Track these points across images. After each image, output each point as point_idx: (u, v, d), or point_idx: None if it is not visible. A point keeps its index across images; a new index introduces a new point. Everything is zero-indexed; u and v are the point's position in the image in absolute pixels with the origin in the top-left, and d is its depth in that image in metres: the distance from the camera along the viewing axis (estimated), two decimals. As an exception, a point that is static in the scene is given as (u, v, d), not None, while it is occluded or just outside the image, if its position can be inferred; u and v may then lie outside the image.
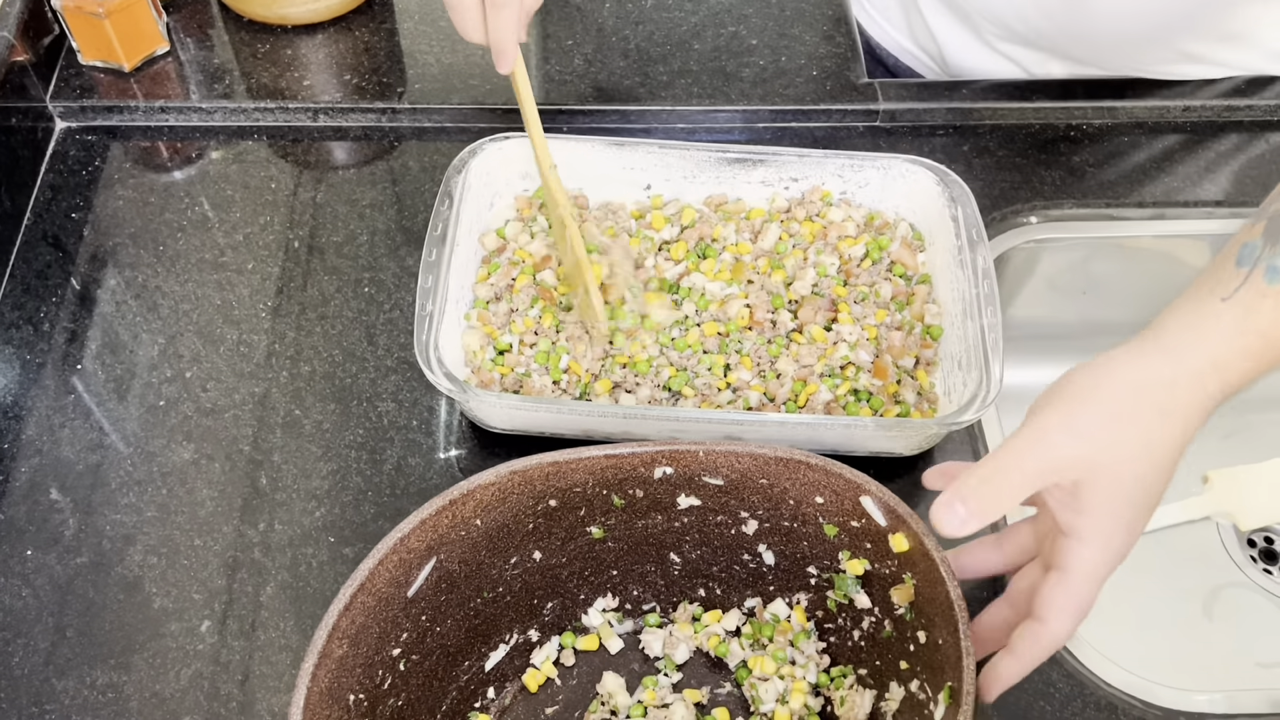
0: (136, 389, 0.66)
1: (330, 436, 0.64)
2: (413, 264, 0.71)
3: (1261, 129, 0.81)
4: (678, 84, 0.79)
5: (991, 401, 0.58)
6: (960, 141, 0.79)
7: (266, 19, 0.81)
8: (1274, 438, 0.84)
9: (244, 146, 0.77)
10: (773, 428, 0.61)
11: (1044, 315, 0.83)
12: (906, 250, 0.68)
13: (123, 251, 0.72)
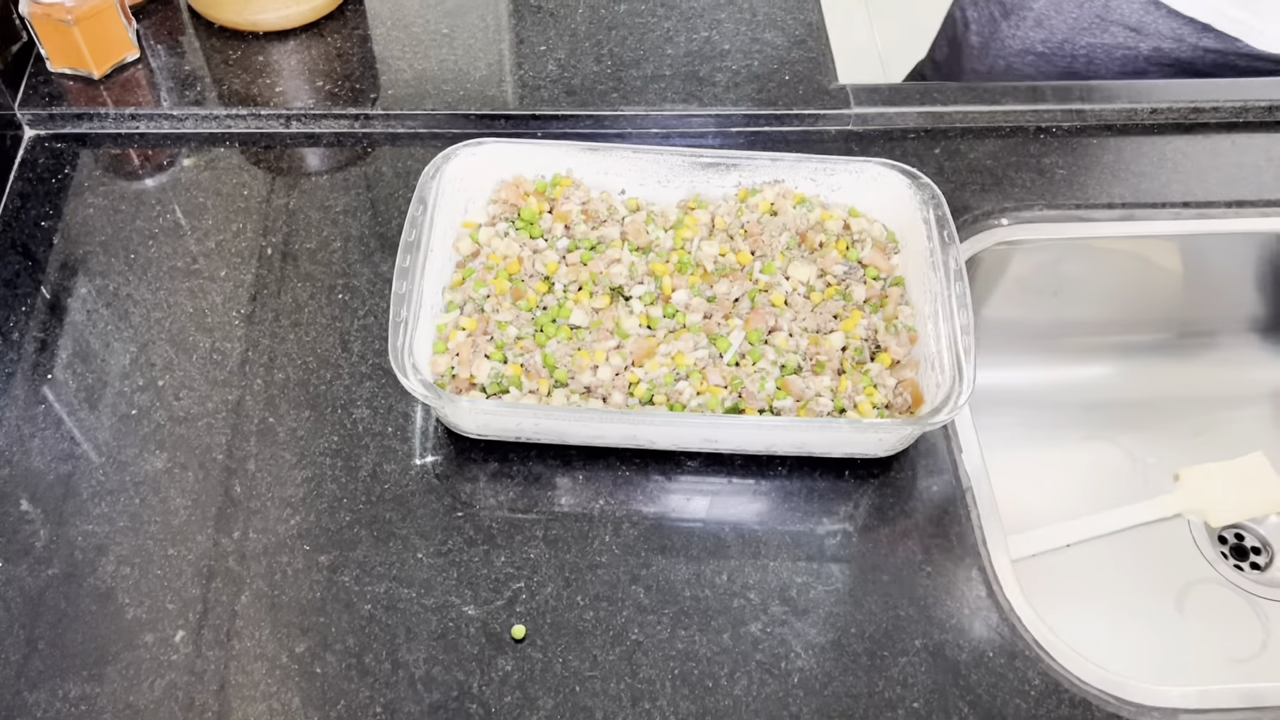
0: (108, 398, 0.65)
1: (305, 443, 0.64)
2: (387, 270, 0.71)
3: (1227, 130, 0.82)
4: (651, 88, 0.80)
5: (965, 401, 0.59)
6: (931, 145, 0.79)
7: (238, 25, 0.81)
8: (1243, 435, 0.85)
9: (216, 153, 0.77)
10: (748, 429, 0.62)
11: (1016, 316, 0.83)
12: (879, 253, 0.68)
13: (93, 260, 0.71)
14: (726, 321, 0.65)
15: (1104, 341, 0.88)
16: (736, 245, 0.68)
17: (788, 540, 0.62)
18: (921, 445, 0.66)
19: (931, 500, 0.64)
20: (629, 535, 0.62)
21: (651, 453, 0.64)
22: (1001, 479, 0.67)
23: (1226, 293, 0.86)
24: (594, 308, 0.65)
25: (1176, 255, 0.82)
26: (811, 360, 0.64)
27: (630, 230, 0.68)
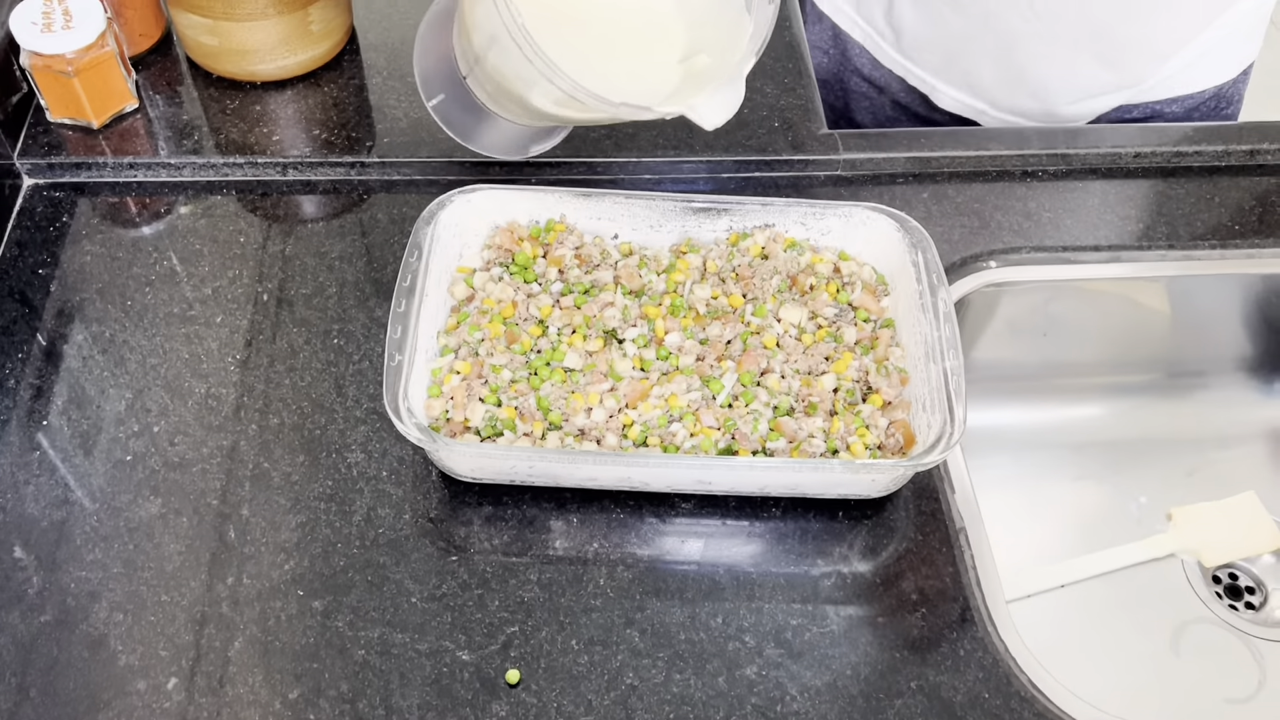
0: (103, 444, 0.65)
1: (299, 488, 0.64)
2: (382, 315, 0.71)
3: (1210, 174, 0.83)
4: (643, 135, 0.81)
5: (956, 442, 0.59)
6: (919, 189, 0.81)
7: (236, 76, 0.82)
8: (1236, 474, 0.85)
9: (213, 201, 0.78)
10: (742, 470, 0.62)
11: (1006, 357, 0.84)
12: (869, 295, 0.69)
13: (90, 306, 0.71)
14: (719, 364, 0.66)
15: (1094, 382, 0.88)
16: (728, 288, 0.69)
17: (782, 582, 0.62)
18: (914, 486, 0.66)
19: (925, 541, 0.64)
20: (623, 578, 0.62)
21: (646, 495, 0.65)
22: (994, 519, 0.67)
23: (1214, 333, 0.87)
24: (588, 351, 0.66)
25: (1164, 296, 0.83)
26: (804, 402, 0.65)
27: (623, 274, 0.69)
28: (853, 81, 0.95)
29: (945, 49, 0.88)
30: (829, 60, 0.95)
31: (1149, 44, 0.83)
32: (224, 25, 0.78)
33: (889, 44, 0.91)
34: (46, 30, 0.73)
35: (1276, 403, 0.88)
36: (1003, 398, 0.86)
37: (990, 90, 0.88)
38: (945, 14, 0.84)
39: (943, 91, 0.90)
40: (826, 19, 0.93)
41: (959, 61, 0.88)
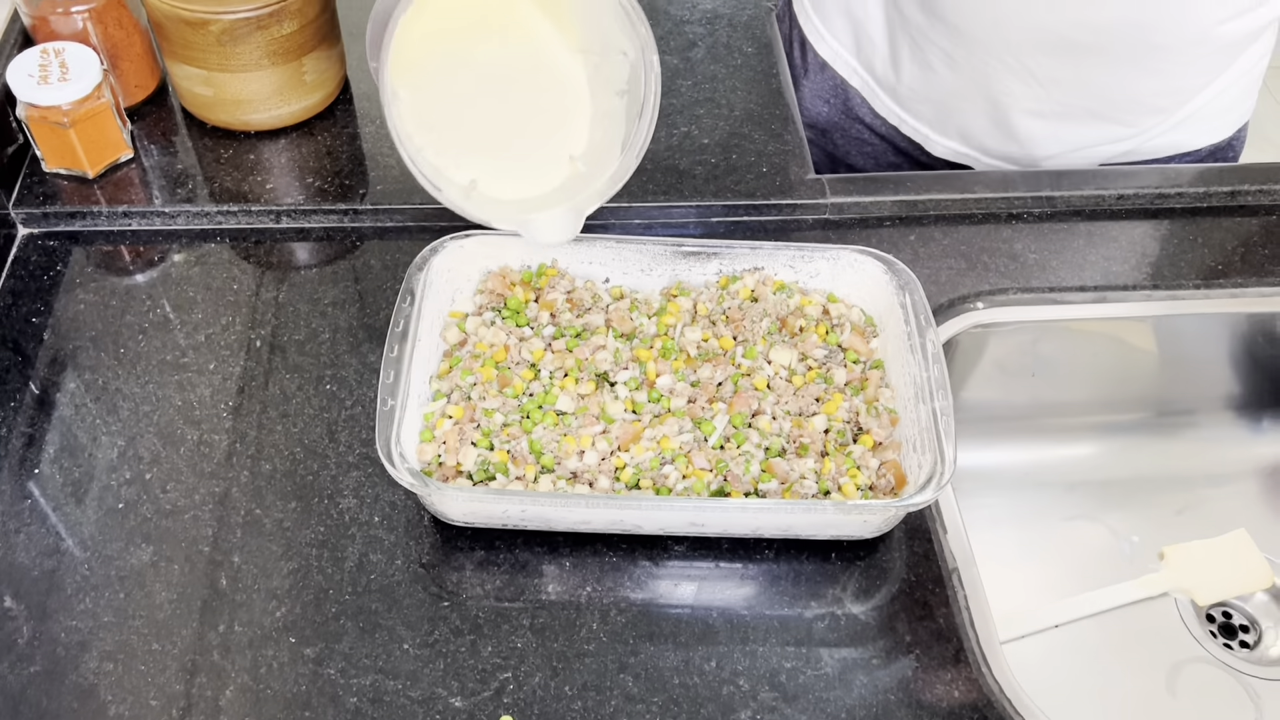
0: (95, 491, 0.65)
1: (291, 535, 0.64)
2: (375, 360, 0.71)
3: (1192, 215, 0.84)
4: (633, 181, 0.81)
5: (947, 482, 0.60)
6: (906, 232, 0.82)
7: (230, 125, 0.83)
8: (1227, 512, 0.86)
9: (206, 249, 0.78)
10: (734, 512, 0.62)
11: (996, 397, 0.85)
12: (858, 337, 0.70)
13: (83, 354, 0.72)
14: (710, 405, 0.66)
15: (1084, 421, 0.89)
16: (719, 331, 0.70)
17: (776, 625, 0.62)
18: (906, 527, 0.66)
19: (918, 582, 0.64)
20: (617, 622, 0.62)
21: (638, 538, 0.65)
22: (987, 560, 0.67)
23: (1202, 372, 0.87)
24: (580, 394, 0.66)
25: (1151, 336, 0.84)
26: (795, 443, 0.65)
27: (614, 317, 0.70)
28: (855, 129, 0.96)
29: (940, 102, 0.89)
30: (830, 109, 0.96)
31: (1146, 103, 0.84)
32: (219, 76, 0.79)
33: (886, 93, 0.92)
34: (43, 82, 0.74)
35: (1265, 440, 0.89)
36: (993, 438, 0.86)
37: (982, 141, 0.89)
38: (941, 70, 0.86)
39: (936, 141, 0.91)
40: (829, 68, 0.94)
41: (953, 116, 0.89)
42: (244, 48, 0.77)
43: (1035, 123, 0.86)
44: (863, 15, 0.89)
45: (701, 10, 0.96)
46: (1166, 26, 0.77)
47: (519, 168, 0.67)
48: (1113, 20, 0.77)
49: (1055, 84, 0.82)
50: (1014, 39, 0.80)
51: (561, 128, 0.66)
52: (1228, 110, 0.88)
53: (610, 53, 0.62)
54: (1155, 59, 0.80)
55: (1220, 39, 0.79)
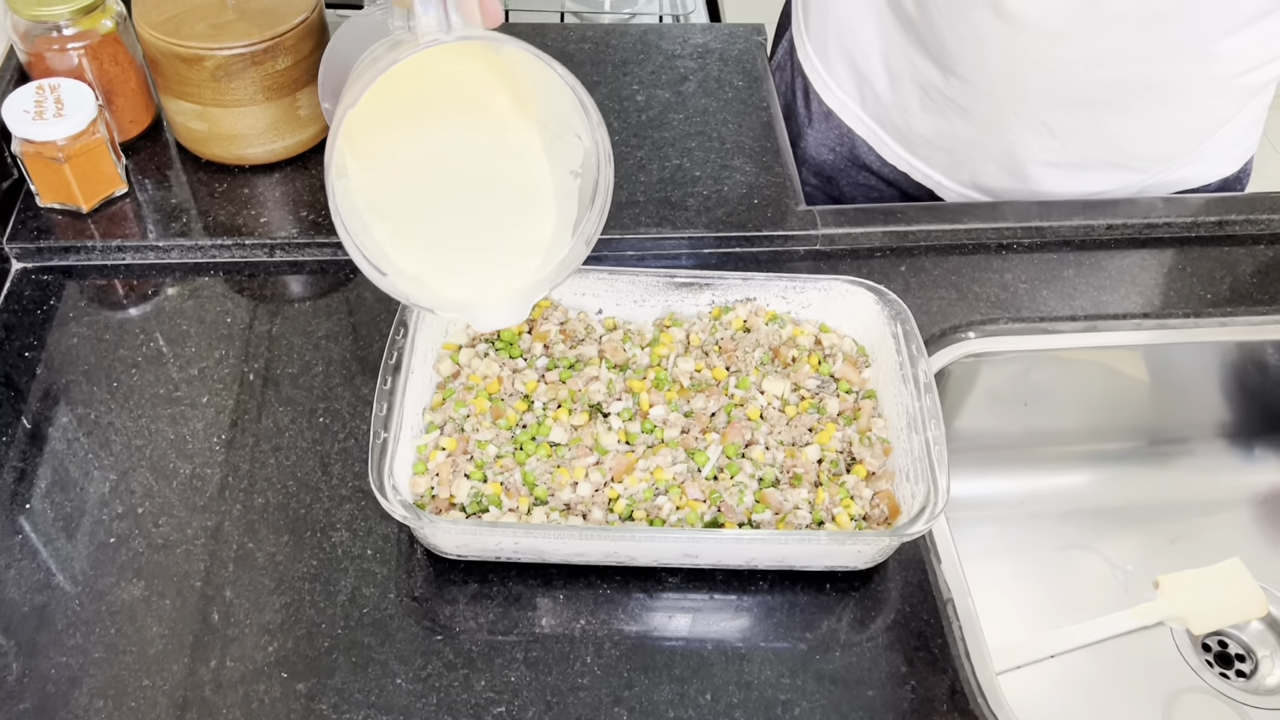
0: (86, 526, 0.65)
1: (283, 568, 0.64)
2: (368, 393, 0.71)
3: (1180, 245, 0.85)
4: (626, 213, 0.82)
5: (940, 512, 0.60)
6: (897, 262, 0.82)
7: (224, 160, 0.83)
8: (1221, 540, 0.86)
9: (200, 282, 0.78)
10: (728, 543, 0.62)
11: (988, 427, 0.85)
12: (851, 367, 0.70)
13: (75, 389, 0.72)
14: (704, 436, 0.66)
15: (1077, 450, 0.89)
16: (711, 361, 0.70)
17: (771, 657, 0.62)
18: (901, 557, 0.66)
19: (913, 612, 0.64)
20: (611, 655, 0.61)
21: (632, 570, 0.64)
22: (982, 590, 0.67)
23: (1194, 400, 0.88)
24: (573, 425, 0.66)
25: (1142, 364, 0.84)
26: (788, 473, 0.65)
27: (608, 348, 0.70)
28: (861, 176, 0.96)
29: (953, 151, 0.88)
30: (836, 157, 0.96)
31: (1160, 150, 0.85)
32: (213, 111, 0.79)
33: (896, 141, 0.91)
34: (38, 118, 0.74)
35: (1258, 468, 0.89)
36: (986, 467, 0.87)
37: (996, 189, 0.89)
38: (955, 121, 0.86)
39: (948, 187, 0.91)
40: (834, 116, 0.94)
41: (966, 164, 0.89)
42: (238, 83, 0.78)
43: (1050, 172, 0.86)
44: (866, 67, 0.89)
45: (692, 44, 0.97)
46: (1186, 83, 0.78)
47: (477, 257, 0.62)
48: (1131, 77, 0.77)
49: (1072, 136, 0.83)
50: (1031, 95, 0.81)
51: (526, 216, 0.62)
52: (1236, 144, 0.89)
53: (565, 133, 0.59)
54: (1173, 111, 0.80)
55: (1237, 91, 0.80)
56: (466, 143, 0.60)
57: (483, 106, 0.59)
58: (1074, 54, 0.76)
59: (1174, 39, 0.74)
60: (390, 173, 0.59)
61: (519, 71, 0.58)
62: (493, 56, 0.57)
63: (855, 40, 0.89)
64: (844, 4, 0.89)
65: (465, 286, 0.62)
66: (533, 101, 0.59)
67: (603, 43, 0.96)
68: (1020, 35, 0.76)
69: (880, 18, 0.86)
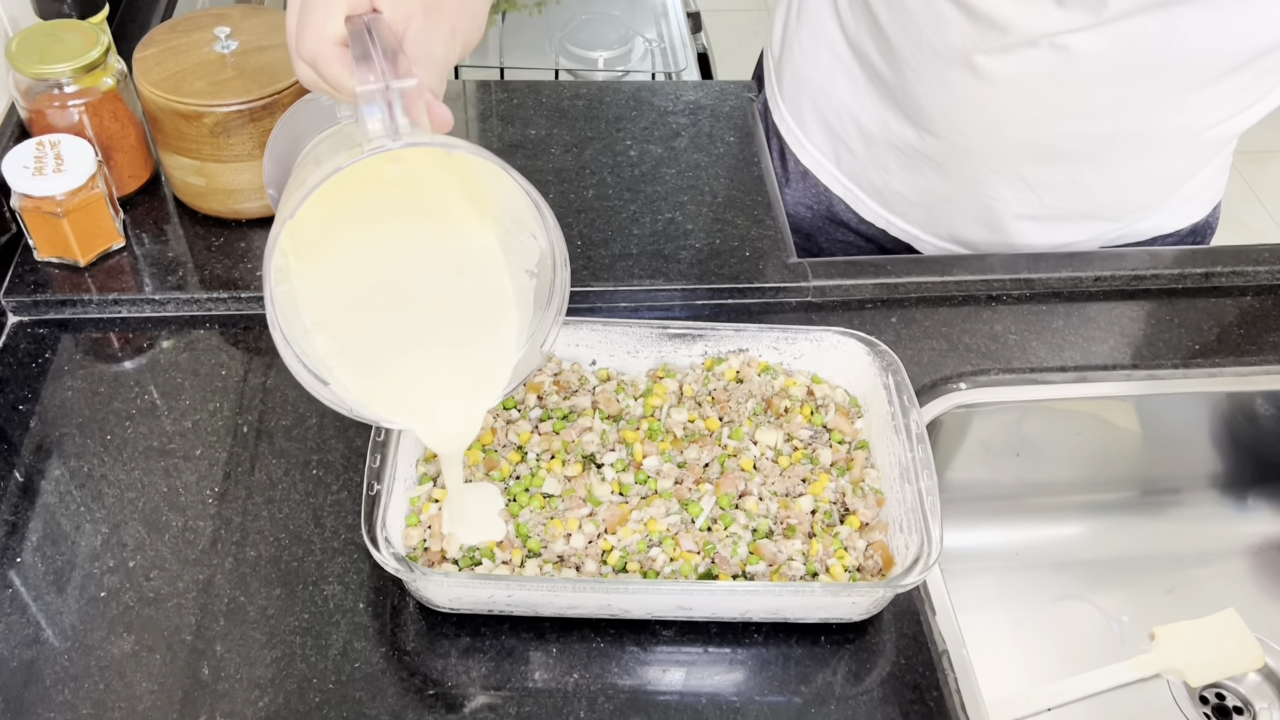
0: (76, 580, 0.64)
1: (275, 622, 0.63)
2: (362, 445, 0.71)
3: (1168, 296, 0.86)
4: (619, 265, 0.83)
5: (934, 563, 0.60)
6: (888, 314, 0.83)
7: (221, 214, 0.84)
8: (1216, 591, 0.86)
9: (195, 335, 0.79)
10: (722, 595, 0.62)
11: (981, 478, 0.85)
12: (843, 417, 0.70)
13: (69, 441, 0.72)
14: (697, 486, 0.66)
15: (1070, 501, 0.89)
16: (705, 412, 0.70)
17: (766, 711, 0.61)
18: (896, 609, 0.66)
19: (909, 665, 0.64)
20: (605, 710, 0.61)
21: (626, 623, 0.64)
22: (977, 641, 0.67)
23: (1186, 450, 0.88)
24: (566, 476, 0.66)
25: (1133, 415, 0.84)
26: (782, 524, 0.65)
27: (601, 399, 0.70)
28: (839, 233, 0.97)
29: (931, 207, 0.90)
30: (813, 215, 0.97)
31: (1134, 200, 0.86)
32: (211, 166, 0.80)
33: (874, 200, 0.93)
34: (38, 173, 0.75)
35: (1251, 519, 0.89)
36: (980, 518, 0.87)
37: (974, 243, 0.91)
38: (933, 177, 0.87)
39: (926, 241, 0.93)
40: (810, 175, 0.96)
41: (943, 219, 0.90)
42: (236, 139, 0.79)
43: (1026, 225, 0.88)
44: (840, 128, 0.91)
45: (685, 101, 0.99)
46: (1159, 135, 0.79)
47: (430, 368, 0.59)
48: (1106, 130, 0.79)
49: (1048, 189, 0.84)
50: (1007, 150, 0.82)
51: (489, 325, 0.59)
52: (1205, 190, 0.91)
53: (520, 232, 0.56)
54: (1147, 162, 0.82)
55: (1210, 142, 0.82)
56: (421, 247, 0.57)
57: (437, 207, 0.57)
58: (1049, 109, 0.78)
59: (1147, 94, 0.76)
60: (334, 280, 0.56)
61: (472, 172, 0.56)
62: (446, 158, 0.55)
63: (828, 102, 0.91)
64: (816, 68, 0.91)
65: (416, 400, 0.58)
66: (487, 199, 0.57)
67: (597, 99, 0.98)
68: (996, 92, 0.78)
69: (852, 81, 0.88)
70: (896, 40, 0.81)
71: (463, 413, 0.60)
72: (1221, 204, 0.95)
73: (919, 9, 0.78)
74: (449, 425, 0.60)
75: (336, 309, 0.56)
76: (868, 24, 0.84)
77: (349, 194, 0.54)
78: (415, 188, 0.56)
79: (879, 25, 0.82)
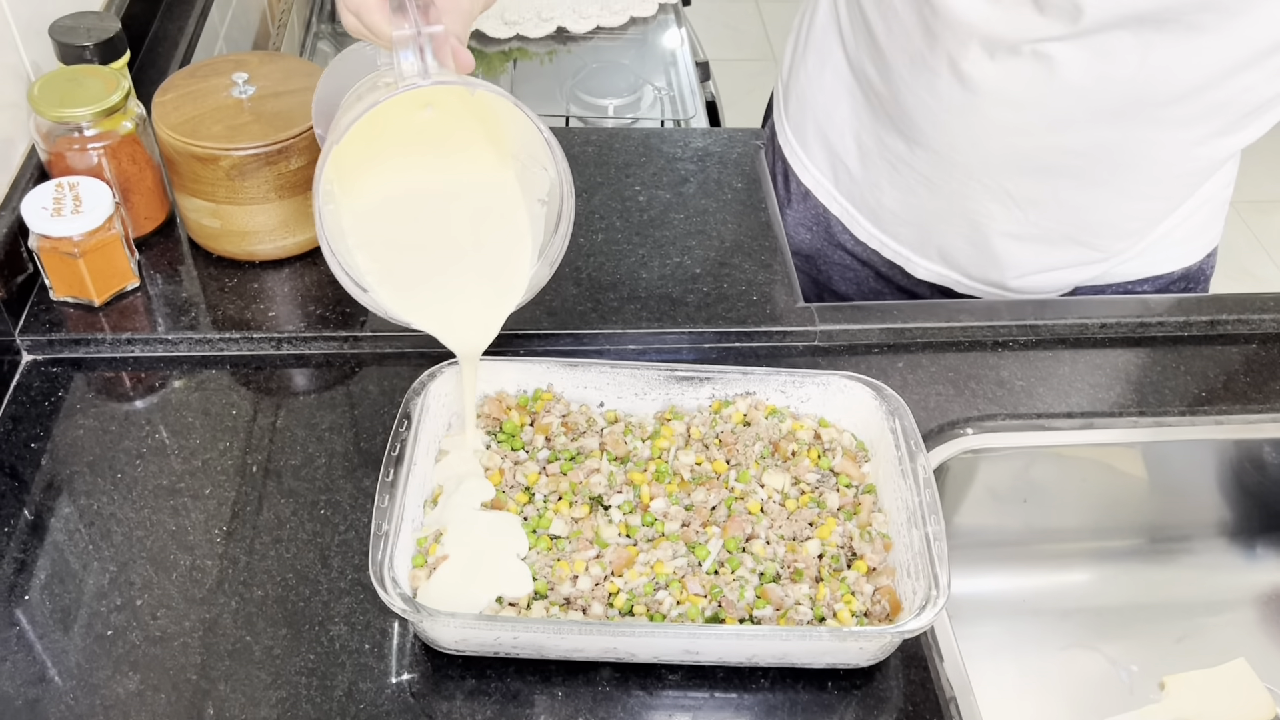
0: (83, 618, 0.64)
1: (280, 662, 0.63)
2: (370, 485, 0.72)
3: (1174, 343, 0.86)
4: (627, 309, 0.84)
5: (942, 607, 0.59)
6: (894, 358, 0.83)
7: (235, 255, 0.85)
8: (1225, 641, 0.85)
9: (206, 375, 0.79)
10: (729, 639, 0.62)
11: (989, 523, 0.85)
12: (850, 461, 0.70)
13: (79, 480, 0.72)
14: (705, 529, 0.66)
15: (1078, 548, 0.89)
16: (712, 454, 0.70)
17: (772, 756, 0.61)
18: (903, 655, 0.65)
19: (916, 712, 0.63)
20: (610, 754, 0.60)
21: (632, 667, 0.64)
22: (985, 689, 0.67)
23: (1193, 498, 0.88)
24: (573, 517, 0.66)
25: (1140, 462, 0.84)
26: (789, 568, 0.65)
27: (609, 441, 0.70)
28: (836, 255, 0.99)
29: (920, 225, 0.92)
30: (813, 236, 0.99)
31: (1121, 225, 0.87)
32: (226, 209, 0.81)
33: (866, 218, 0.95)
34: (56, 214, 0.76)
35: (1260, 568, 0.89)
36: (988, 564, 0.86)
37: (963, 264, 0.92)
38: (920, 193, 0.89)
39: (917, 263, 0.94)
40: (811, 196, 0.98)
41: (933, 238, 0.92)
42: (252, 182, 0.80)
43: (1013, 244, 0.89)
44: (840, 146, 0.94)
45: (693, 148, 1.00)
46: (1141, 150, 0.80)
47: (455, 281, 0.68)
48: (1089, 143, 0.80)
49: (1033, 205, 0.85)
50: (992, 162, 0.83)
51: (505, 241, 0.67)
52: (1196, 235, 0.92)
53: (534, 165, 0.65)
54: (1130, 181, 0.83)
55: (1193, 162, 0.82)
56: (449, 180, 0.66)
57: (462, 144, 0.65)
58: (1032, 120, 0.79)
59: (1124, 106, 0.77)
60: (374, 204, 0.65)
61: (492, 112, 0.64)
62: (469, 98, 0.63)
63: (830, 121, 0.94)
64: (820, 89, 0.94)
65: (443, 308, 0.67)
66: (505, 137, 0.65)
67: (606, 146, 0.99)
68: (981, 101, 0.79)
69: (852, 98, 0.91)
70: (890, 53, 0.84)
71: (483, 319, 0.68)
72: (1219, 252, 0.96)
73: (908, 18, 0.80)
74: (470, 330, 0.68)
75: (377, 232, 0.65)
76: (866, 42, 0.87)
77: (385, 130, 0.62)
78: (443, 128, 0.64)
79: (875, 41, 0.85)
